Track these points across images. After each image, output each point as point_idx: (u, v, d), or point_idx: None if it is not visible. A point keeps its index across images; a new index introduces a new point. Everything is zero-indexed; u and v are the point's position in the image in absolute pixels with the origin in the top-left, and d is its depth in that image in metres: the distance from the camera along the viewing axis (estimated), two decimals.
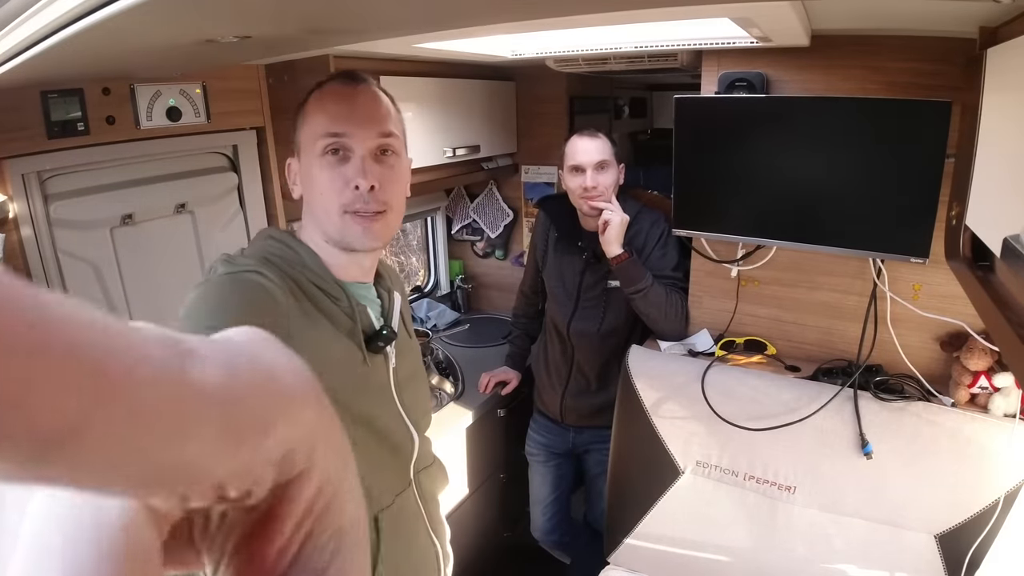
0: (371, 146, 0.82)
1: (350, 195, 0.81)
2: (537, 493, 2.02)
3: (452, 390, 2.00)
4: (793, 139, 1.43)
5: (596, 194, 1.64)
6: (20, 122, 1.23)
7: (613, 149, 1.66)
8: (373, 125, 0.82)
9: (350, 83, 0.84)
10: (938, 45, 1.29)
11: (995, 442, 1.26)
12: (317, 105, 0.83)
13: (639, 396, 1.58)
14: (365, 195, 0.81)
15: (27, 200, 1.28)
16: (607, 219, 1.61)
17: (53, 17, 0.58)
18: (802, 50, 1.41)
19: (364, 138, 0.81)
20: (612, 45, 1.52)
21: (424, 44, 1.36)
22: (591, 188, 1.63)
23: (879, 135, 1.32)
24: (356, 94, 0.83)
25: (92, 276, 1.43)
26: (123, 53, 0.93)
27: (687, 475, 1.54)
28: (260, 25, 0.83)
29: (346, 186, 0.80)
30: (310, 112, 0.83)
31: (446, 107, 1.98)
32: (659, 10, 0.97)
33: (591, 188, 1.63)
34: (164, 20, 0.67)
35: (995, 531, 1.24)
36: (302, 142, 0.84)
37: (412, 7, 0.80)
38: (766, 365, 1.62)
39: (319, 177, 0.81)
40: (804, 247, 1.51)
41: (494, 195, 2.56)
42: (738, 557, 1.48)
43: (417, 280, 2.96)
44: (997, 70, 0.88)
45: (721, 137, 1.52)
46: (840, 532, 1.38)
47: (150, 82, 1.41)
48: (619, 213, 1.62)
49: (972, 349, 1.34)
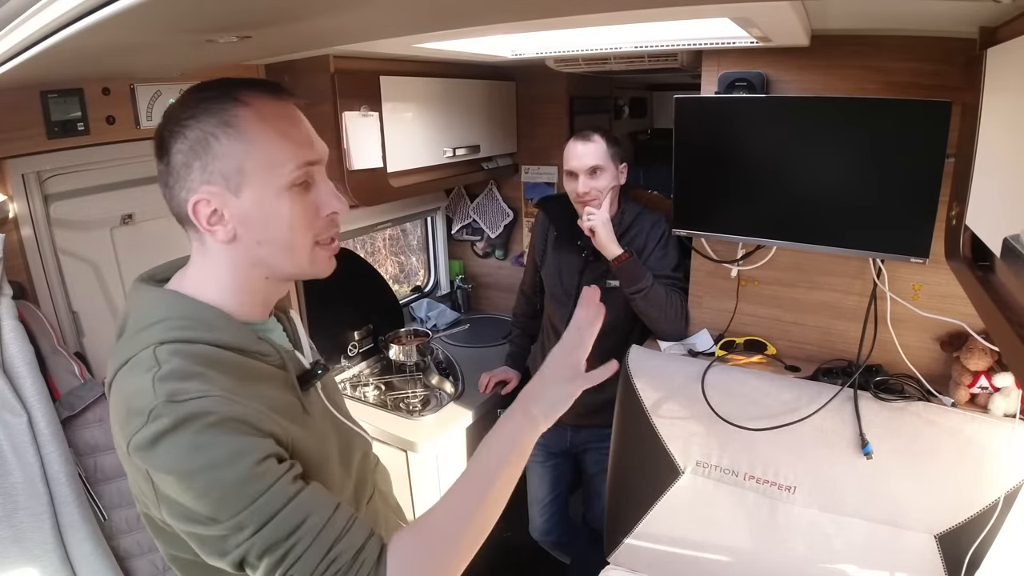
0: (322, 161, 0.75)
1: (321, 224, 0.74)
2: (535, 493, 2.02)
3: (452, 390, 2.00)
4: (793, 139, 1.43)
5: (589, 199, 1.64)
6: (20, 122, 1.23)
7: (611, 150, 1.65)
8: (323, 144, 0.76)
9: (285, 96, 0.73)
10: (938, 45, 1.29)
11: (995, 442, 1.26)
12: (265, 127, 0.70)
13: (639, 396, 1.58)
14: (335, 221, 0.76)
15: (27, 200, 1.29)
16: (590, 227, 1.62)
17: (53, 17, 0.58)
18: (802, 50, 1.41)
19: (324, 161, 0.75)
20: (612, 45, 1.52)
21: (424, 44, 1.36)
22: (582, 194, 1.64)
23: (879, 135, 1.32)
24: (295, 110, 0.74)
25: (92, 276, 1.43)
26: (123, 53, 0.93)
27: (687, 475, 1.54)
28: (260, 25, 0.83)
29: (316, 215, 0.74)
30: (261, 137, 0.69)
31: (446, 107, 1.98)
32: (659, 10, 0.97)
33: (582, 194, 1.64)
34: (164, 20, 0.67)
35: (995, 531, 1.23)
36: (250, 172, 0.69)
37: (412, 7, 0.80)
38: (766, 365, 1.62)
39: (289, 212, 0.71)
40: (804, 247, 1.51)
41: (494, 195, 2.56)
42: (738, 557, 1.48)
43: (417, 280, 2.97)
44: (997, 70, 0.88)
45: (721, 137, 1.52)
46: (840, 532, 1.38)
47: (150, 82, 1.41)
48: (600, 215, 1.61)
49: (972, 349, 1.34)
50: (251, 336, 0.74)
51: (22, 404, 1.12)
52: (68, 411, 1.21)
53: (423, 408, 1.91)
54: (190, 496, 0.63)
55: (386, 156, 1.75)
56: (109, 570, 1.21)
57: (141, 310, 0.72)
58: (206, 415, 0.63)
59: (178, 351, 0.67)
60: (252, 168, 0.69)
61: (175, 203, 0.72)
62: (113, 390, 0.70)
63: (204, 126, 0.69)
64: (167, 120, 0.71)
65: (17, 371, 1.13)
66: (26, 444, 1.12)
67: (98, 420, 1.27)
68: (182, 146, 0.69)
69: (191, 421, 0.63)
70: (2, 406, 1.11)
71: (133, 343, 0.69)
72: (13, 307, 1.16)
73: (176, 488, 0.64)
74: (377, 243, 4.80)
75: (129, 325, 0.72)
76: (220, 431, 0.64)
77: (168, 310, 0.71)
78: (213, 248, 0.73)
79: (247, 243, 0.72)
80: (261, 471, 0.64)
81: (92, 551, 1.19)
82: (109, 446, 1.27)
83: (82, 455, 1.23)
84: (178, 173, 0.70)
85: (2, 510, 1.11)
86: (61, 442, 1.16)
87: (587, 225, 1.62)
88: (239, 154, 0.69)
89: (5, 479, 1.11)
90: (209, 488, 0.63)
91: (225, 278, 0.74)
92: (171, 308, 0.71)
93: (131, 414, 0.64)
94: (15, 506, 1.12)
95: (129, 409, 0.65)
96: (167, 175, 0.71)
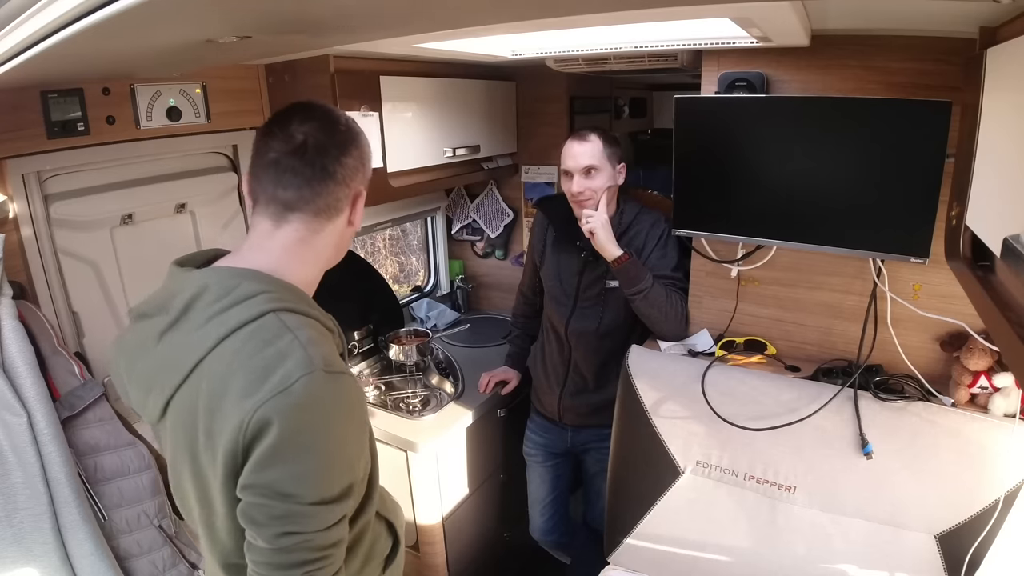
0: None
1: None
2: (535, 493, 2.02)
3: (452, 390, 2.00)
4: (793, 139, 1.43)
5: (584, 199, 1.64)
6: (20, 122, 1.23)
7: (608, 150, 1.64)
8: None
9: None
10: (938, 45, 1.29)
11: (995, 442, 1.26)
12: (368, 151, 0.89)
13: (639, 396, 1.58)
14: None
15: (27, 200, 1.29)
16: (590, 228, 1.61)
17: (53, 17, 0.58)
18: (802, 50, 1.41)
19: None
20: (612, 45, 1.52)
21: (424, 44, 1.36)
22: (576, 194, 1.64)
23: (879, 135, 1.32)
24: None
25: (92, 276, 1.44)
26: (123, 53, 0.93)
27: (687, 475, 1.54)
28: (260, 25, 0.83)
29: None
30: (369, 155, 0.89)
31: (446, 107, 1.98)
32: (659, 10, 0.97)
33: (576, 194, 1.64)
34: (164, 20, 0.67)
35: (995, 531, 1.23)
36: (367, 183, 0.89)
37: (412, 7, 0.80)
38: (766, 365, 1.62)
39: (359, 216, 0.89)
40: (804, 247, 1.51)
41: (494, 195, 2.56)
42: (738, 557, 1.48)
43: (417, 280, 2.97)
44: (997, 70, 0.88)
45: (721, 137, 1.52)
46: (840, 532, 1.38)
47: (150, 82, 1.41)
48: (599, 216, 1.61)
49: (972, 349, 1.34)
50: (323, 313, 0.84)
51: (22, 404, 1.12)
52: (68, 411, 1.21)
53: (423, 408, 1.91)
54: (312, 464, 0.71)
55: (386, 156, 1.75)
56: (109, 570, 1.21)
57: (224, 284, 0.77)
58: (351, 378, 0.76)
59: (298, 321, 0.76)
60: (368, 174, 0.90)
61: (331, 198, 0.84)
62: (227, 355, 0.73)
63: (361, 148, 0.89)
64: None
65: (17, 371, 1.13)
66: (26, 444, 1.12)
67: (98, 420, 1.27)
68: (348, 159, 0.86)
69: (340, 380, 0.73)
70: (2, 406, 1.11)
71: (240, 311, 0.74)
72: (13, 307, 1.16)
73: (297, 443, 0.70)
74: (377, 243, 4.80)
75: (206, 298, 0.76)
76: (358, 396, 0.77)
77: (263, 284, 0.78)
78: (319, 239, 0.85)
79: (340, 235, 0.87)
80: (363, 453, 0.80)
81: (92, 551, 1.19)
82: (109, 446, 1.27)
83: (82, 455, 1.23)
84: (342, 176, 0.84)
85: (2, 510, 1.11)
86: (61, 442, 1.16)
87: (587, 227, 1.62)
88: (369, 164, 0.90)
89: (5, 479, 1.11)
90: (336, 456, 0.73)
91: (307, 261, 0.85)
92: (264, 282, 0.78)
93: (278, 371, 0.70)
94: (15, 506, 1.12)
95: (271, 367, 0.71)
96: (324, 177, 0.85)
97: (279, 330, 0.73)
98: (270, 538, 0.71)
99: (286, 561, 0.71)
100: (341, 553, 0.76)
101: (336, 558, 0.75)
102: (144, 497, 1.31)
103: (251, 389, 0.70)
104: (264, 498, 0.70)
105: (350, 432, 0.74)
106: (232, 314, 0.74)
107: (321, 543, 0.72)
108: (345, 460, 0.74)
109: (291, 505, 0.70)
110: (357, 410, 0.76)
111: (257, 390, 0.69)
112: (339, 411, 0.73)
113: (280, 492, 0.69)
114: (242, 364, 0.72)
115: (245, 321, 0.73)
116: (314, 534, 0.71)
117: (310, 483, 0.70)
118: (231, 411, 0.70)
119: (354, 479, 0.76)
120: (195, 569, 1.38)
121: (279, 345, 0.72)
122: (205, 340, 0.74)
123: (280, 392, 0.69)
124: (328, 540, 0.73)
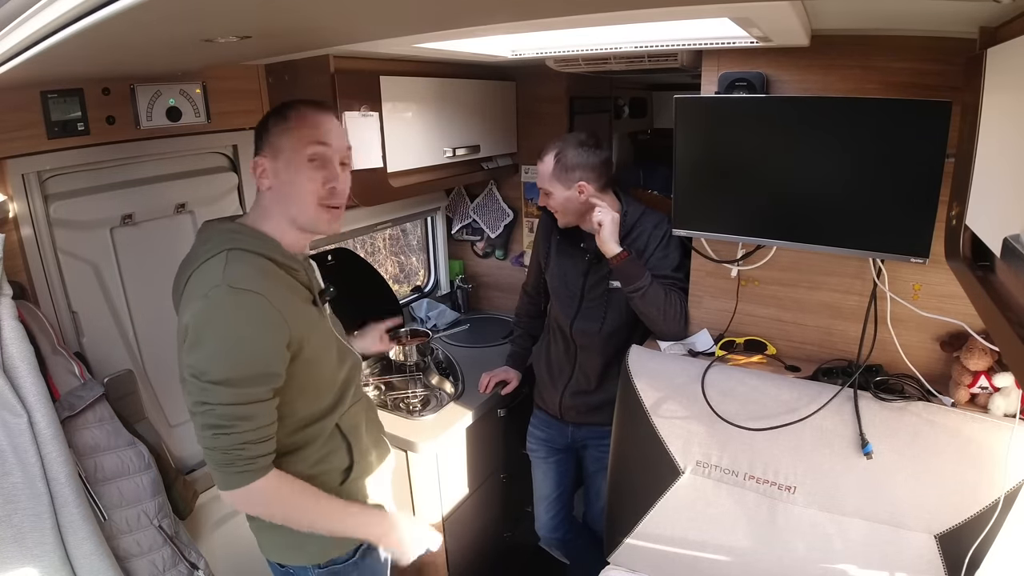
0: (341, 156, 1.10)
1: (325, 192, 1.07)
2: (540, 490, 2.02)
3: (452, 390, 2.00)
4: (793, 139, 1.43)
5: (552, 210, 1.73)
6: (20, 122, 1.23)
7: (558, 173, 1.65)
8: (343, 141, 1.11)
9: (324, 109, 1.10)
10: (938, 45, 1.29)
11: (995, 442, 1.26)
12: (301, 121, 1.06)
13: (639, 396, 1.58)
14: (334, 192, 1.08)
15: (27, 200, 1.29)
16: (599, 220, 1.62)
17: (53, 17, 0.58)
18: (802, 50, 1.41)
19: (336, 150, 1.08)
20: (612, 45, 1.52)
21: (424, 44, 1.36)
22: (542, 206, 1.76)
23: (879, 135, 1.32)
24: (330, 117, 1.10)
25: (92, 276, 1.43)
26: (123, 53, 0.93)
27: (687, 475, 1.54)
28: (259, 25, 0.83)
29: (322, 185, 1.06)
30: (294, 126, 1.06)
31: (446, 107, 1.98)
32: (659, 10, 0.97)
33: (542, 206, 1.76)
34: (164, 20, 0.67)
35: (995, 531, 1.23)
36: (284, 147, 1.06)
37: (412, 7, 0.80)
38: (766, 365, 1.62)
39: (302, 177, 1.06)
40: (804, 247, 1.51)
41: (494, 195, 2.56)
42: (738, 557, 1.48)
43: (417, 280, 2.97)
44: (997, 70, 0.88)
45: (721, 137, 1.52)
46: (840, 532, 1.38)
47: (150, 82, 1.41)
48: (609, 212, 1.62)
49: (972, 349, 1.34)
50: (288, 254, 1.07)
51: (22, 404, 1.12)
52: (68, 411, 1.21)
53: (423, 408, 1.91)
54: (211, 349, 0.95)
55: (386, 156, 1.75)
56: (109, 570, 1.21)
57: (220, 236, 1.04)
58: (257, 295, 0.96)
59: (244, 257, 1.01)
60: (285, 143, 1.06)
61: None
62: (187, 285, 1.01)
63: (267, 119, 1.10)
64: None
65: (17, 371, 1.13)
66: (26, 444, 1.12)
67: (98, 420, 1.27)
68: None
69: (244, 295, 0.95)
70: (2, 406, 1.11)
71: (207, 249, 1.02)
72: (13, 307, 1.16)
73: (204, 342, 0.95)
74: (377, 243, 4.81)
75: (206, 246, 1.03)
76: (263, 308, 0.96)
77: (240, 230, 1.06)
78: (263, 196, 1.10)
79: (281, 195, 1.07)
80: (273, 354, 0.99)
81: (92, 551, 1.19)
82: (109, 446, 1.27)
83: (82, 455, 1.23)
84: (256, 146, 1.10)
85: (2, 510, 1.11)
86: (61, 442, 1.16)
87: (596, 219, 1.63)
88: (282, 133, 1.06)
89: (5, 479, 1.11)
90: (232, 347, 0.95)
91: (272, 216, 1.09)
92: (242, 229, 1.06)
93: (197, 296, 0.96)
94: (15, 506, 1.12)
95: (195, 291, 0.98)
96: None
97: (219, 262, 0.99)
98: (191, 406, 0.97)
99: (200, 423, 0.97)
100: (250, 429, 0.97)
101: (242, 430, 0.96)
102: (144, 497, 1.31)
103: (188, 303, 0.99)
104: (189, 376, 0.96)
105: (248, 332, 0.95)
106: (200, 255, 1.02)
107: (227, 414, 0.95)
108: (244, 353, 0.95)
109: (202, 383, 0.94)
110: (256, 317, 0.96)
111: (189, 304, 0.98)
112: (238, 315, 0.95)
113: (194, 372, 0.95)
114: (193, 283, 1.00)
115: (205, 259, 1.01)
116: (220, 407, 0.95)
117: (214, 365, 0.94)
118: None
119: (260, 372, 0.97)
120: (195, 569, 1.39)
121: (212, 272, 0.98)
122: (186, 276, 1.04)
123: (198, 299, 0.96)
124: (235, 414, 0.95)
